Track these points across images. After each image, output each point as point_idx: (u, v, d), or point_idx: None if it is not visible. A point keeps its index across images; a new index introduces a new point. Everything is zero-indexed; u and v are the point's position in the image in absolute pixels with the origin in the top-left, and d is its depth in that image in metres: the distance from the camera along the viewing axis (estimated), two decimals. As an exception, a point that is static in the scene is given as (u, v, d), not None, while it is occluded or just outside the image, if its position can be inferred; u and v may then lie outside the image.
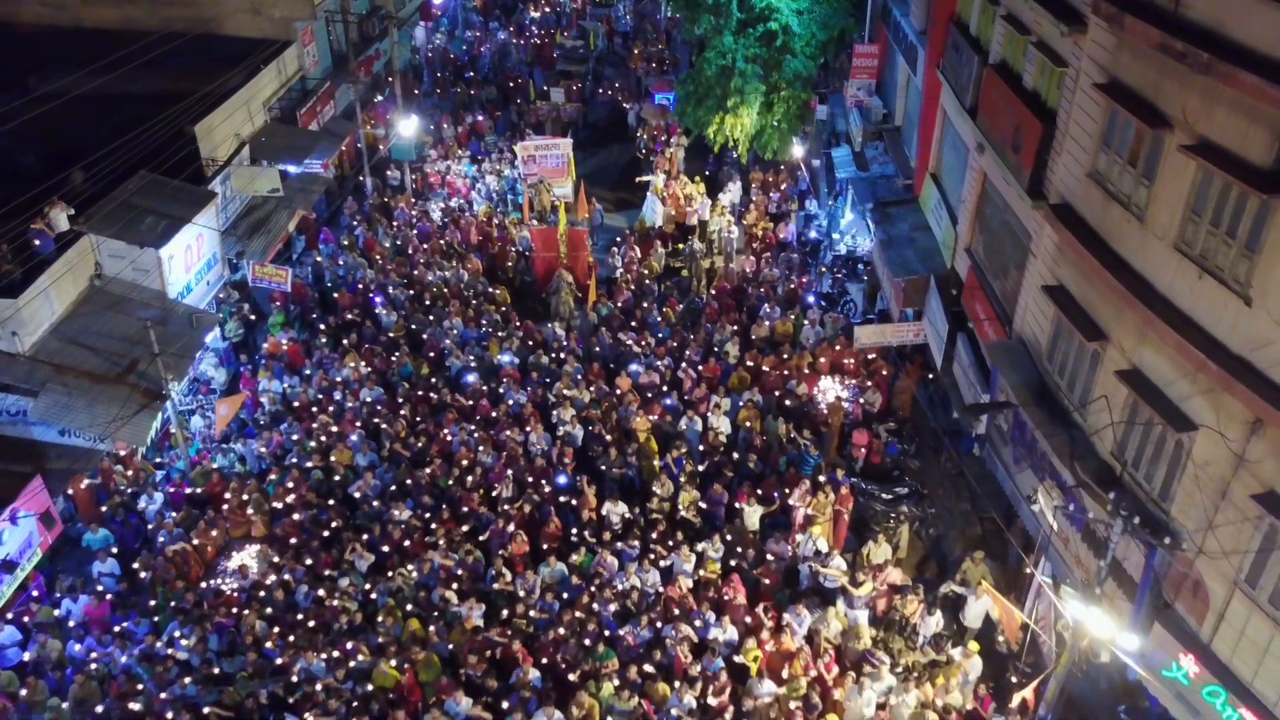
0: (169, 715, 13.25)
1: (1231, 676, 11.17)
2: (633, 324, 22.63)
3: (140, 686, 13.81)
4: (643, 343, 21.47)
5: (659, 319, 22.68)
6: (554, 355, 21.35)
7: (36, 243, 17.10)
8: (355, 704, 13.45)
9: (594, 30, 41.43)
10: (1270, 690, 10.73)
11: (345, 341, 21.30)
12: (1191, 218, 11.16)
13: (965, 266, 18.24)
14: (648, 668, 14.06)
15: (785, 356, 20.99)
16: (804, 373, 20.41)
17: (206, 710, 13.38)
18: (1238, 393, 10.39)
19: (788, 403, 19.85)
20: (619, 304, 23.41)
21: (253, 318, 22.69)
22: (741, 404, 19.48)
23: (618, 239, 26.80)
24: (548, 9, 45.09)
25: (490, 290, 24.03)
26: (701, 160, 31.07)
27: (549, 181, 28.37)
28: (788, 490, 17.28)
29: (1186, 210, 11.21)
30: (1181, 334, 11.10)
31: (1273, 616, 10.57)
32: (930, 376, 20.12)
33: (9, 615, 15.11)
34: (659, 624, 14.72)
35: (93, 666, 14.22)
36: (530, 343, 21.80)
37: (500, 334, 21.80)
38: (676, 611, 14.93)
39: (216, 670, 14.20)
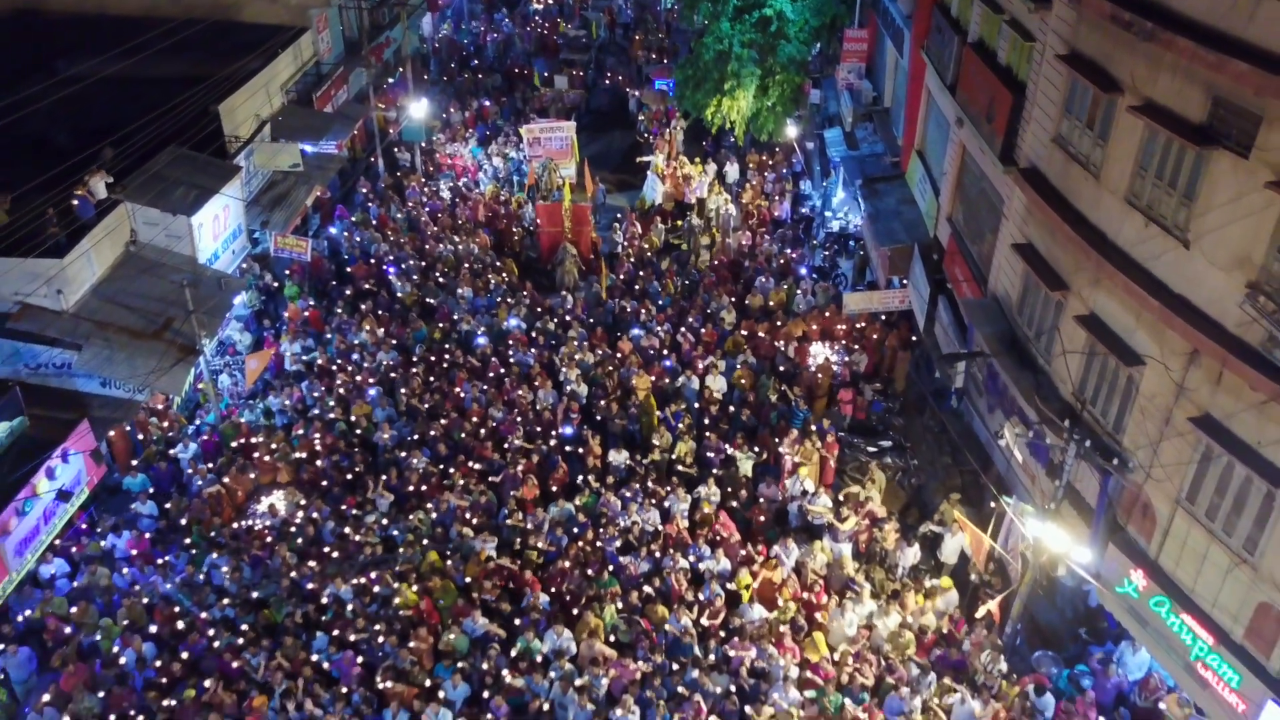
0: (210, 632, 14.48)
1: (1174, 586, 12.42)
2: (634, 287, 23.76)
3: (177, 608, 15.02)
4: (644, 310, 22.66)
5: (659, 288, 23.86)
6: (559, 320, 22.54)
7: (75, 203, 18.27)
8: (380, 624, 14.66)
9: (596, 20, 42.50)
10: (1207, 593, 11.98)
11: (363, 307, 22.49)
12: (1139, 172, 12.40)
13: (946, 234, 19.47)
14: (647, 591, 15.28)
15: (779, 324, 22.18)
16: (796, 338, 21.57)
17: (245, 628, 14.60)
18: (1177, 326, 11.64)
19: (781, 369, 21.04)
20: (621, 275, 24.60)
21: (275, 285, 23.90)
22: (737, 365, 20.68)
23: (619, 214, 27.99)
24: (551, 0, 46.14)
25: (497, 263, 25.21)
26: (700, 142, 32.24)
27: (555, 162, 29.51)
28: (778, 441, 18.48)
29: (1135, 166, 12.45)
30: (1129, 277, 12.34)
31: (1208, 528, 11.81)
32: (915, 340, 21.30)
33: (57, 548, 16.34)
34: (658, 555, 15.94)
35: (143, 598, 15.38)
36: (538, 310, 22.99)
37: (509, 300, 22.99)
38: (674, 544, 16.16)
39: (254, 595, 15.40)
